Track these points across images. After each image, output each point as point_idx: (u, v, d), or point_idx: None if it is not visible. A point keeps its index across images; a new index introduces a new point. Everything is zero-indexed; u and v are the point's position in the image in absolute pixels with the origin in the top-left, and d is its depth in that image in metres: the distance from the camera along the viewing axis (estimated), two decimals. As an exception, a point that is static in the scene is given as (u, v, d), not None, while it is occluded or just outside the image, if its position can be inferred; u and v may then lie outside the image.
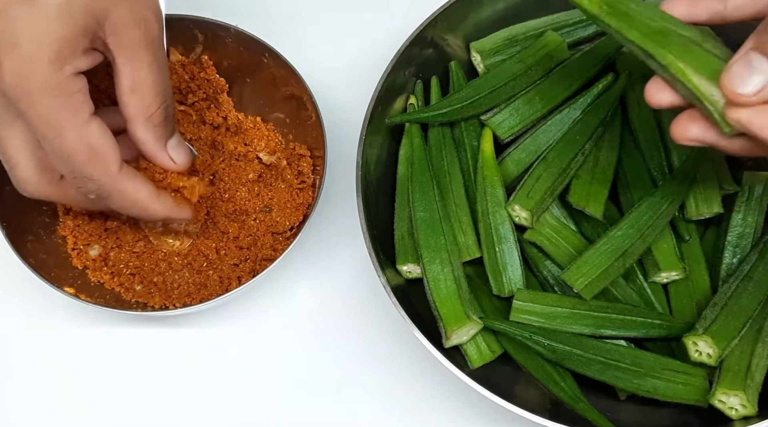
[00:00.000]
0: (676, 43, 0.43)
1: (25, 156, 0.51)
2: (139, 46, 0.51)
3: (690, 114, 0.44)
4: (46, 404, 0.63)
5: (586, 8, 0.46)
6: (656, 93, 0.45)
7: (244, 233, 0.64)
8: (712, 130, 0.43)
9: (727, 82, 0.41)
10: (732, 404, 0.52)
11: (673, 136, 0.45)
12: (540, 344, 0.56)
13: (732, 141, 0.44)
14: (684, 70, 0.43)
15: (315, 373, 0.64)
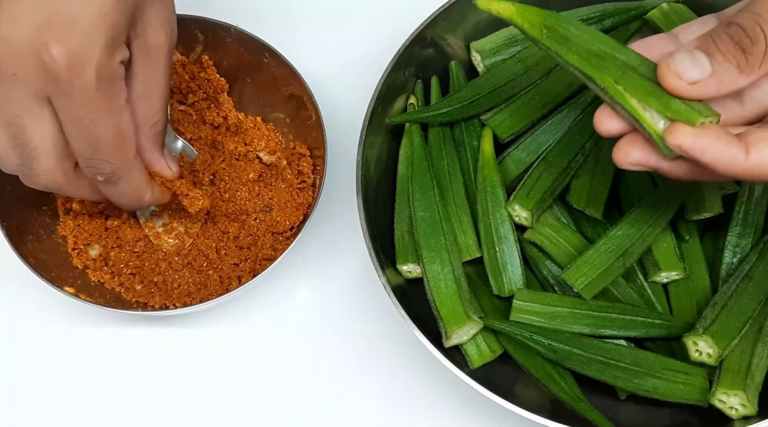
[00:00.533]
0: (614, 66, 0.43)
1: (48, 144, 0.49)
2: (161, 51, 0.51)
3: (631, 138, 0.44)
4: (46, 404, 0.63)
5: (527, 31, 0.46)
6: (605, 121, 0.44)
7: (244, 233, 0.64)
8: (655, 154, 0.43)
9: (671, 63, 0.41)
10: (732, 404, 0.52)
11: (615, 160, 0.44)
12: (540, 344, 0.56)
13: (675, 165, 0.44)
14: (622, 93, 0.43)
15: (315, 373, 0.64)
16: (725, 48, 0.41)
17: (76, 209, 0.65)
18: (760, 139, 0.41)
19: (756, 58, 0.41)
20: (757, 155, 0.41)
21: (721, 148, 0.40)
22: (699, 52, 0.41)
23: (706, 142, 0.40)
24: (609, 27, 0.65)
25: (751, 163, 0.41)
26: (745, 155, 0.41)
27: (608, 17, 0.65)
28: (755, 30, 0.41)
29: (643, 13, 0.65)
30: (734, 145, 0.41)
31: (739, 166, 0.41)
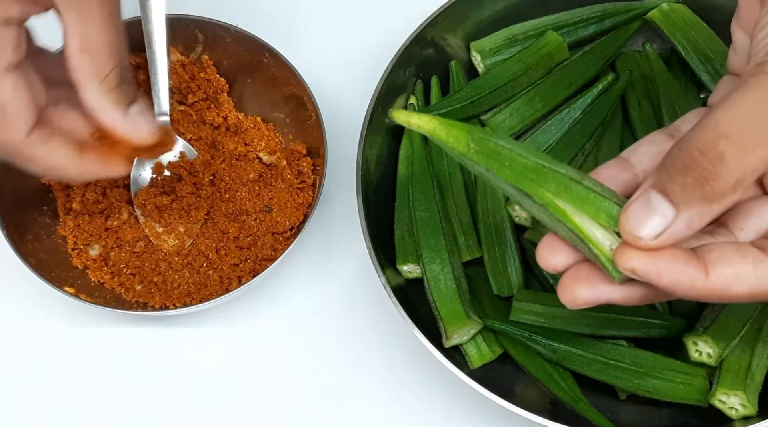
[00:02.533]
0: (553, 180, 0.38)
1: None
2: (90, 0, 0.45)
3: (574, 274, 0.39)
4: (46, 403, 0.63)
5: (452, 147, 0.40)
6: (547, 257, 0.40)
7: (244, 233, 0.64)
8: (604, 285, 0.38)
9: (625, 224, 0.36)
10: (732, 404, 0.53)
11: (564, 302, 0.39)
12: (540, 344, 0.56)
13: (628, 293, 0.38)
14: (563, 209, 0.38)
15: (315, 372, 0.64)
16: (682, 181, 0.35)
17: (76, 209, 0.65)
18: (721, 257, 0.36)
19: (724, 181, 0.34)
20: (718, 277, 0.35)
21: (678, 270, 0.35)
22: (655, 193, 0.36)
23: (663, 264, 0.35)
24: (609, 27, 0.65)
25: (711, 285, 0.36)
26: (706, 277, 0.35)
27: (608, 17, 0.65)
28: (716, 149, 0.34)
29: (643, 13, 0.65)
30: (692, 266, 0.36)
31: (699, 289, 0.36)
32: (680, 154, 0.35)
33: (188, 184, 0.64)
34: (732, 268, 0.36)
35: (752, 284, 0.36)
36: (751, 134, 0.34)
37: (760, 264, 0.36)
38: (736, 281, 0.36)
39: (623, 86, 0.63)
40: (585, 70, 0.64)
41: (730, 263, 0.36)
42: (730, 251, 0.36)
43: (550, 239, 0.40)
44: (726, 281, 0.36)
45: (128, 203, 0.66)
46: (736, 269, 0.36)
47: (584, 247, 0.38)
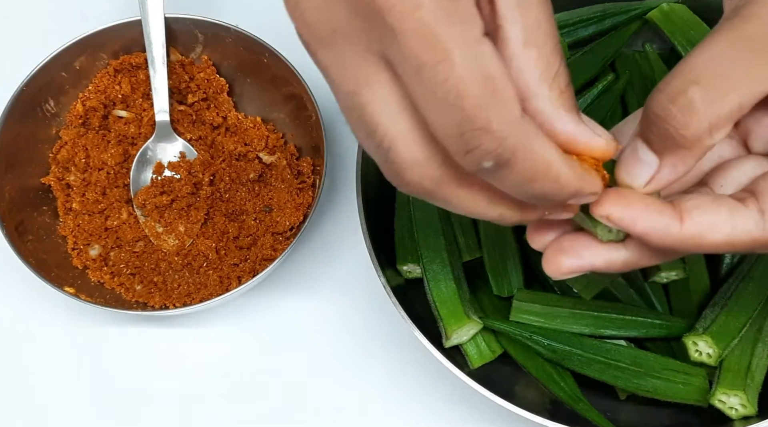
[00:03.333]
0: None
1: (402, 123, 0.33)
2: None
3: (554, 247, 0.38)
4: (46, 404, 0.63)
5: None
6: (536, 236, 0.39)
7: (244, 233, 0.64)
8: (587, 251, 0.38)
9: (618, 173, 0.37)
10: (732, 404, 0.52)
11: (549, 274, 0.39)
12: (540, 344, 0.56)
13: (611, 255, 0.38)
14: None
15: (315, 373, 0.64)
16: (657, 130, 0.35)
17: (76, 209, 0.65)
18: (696, 205, 0.36)
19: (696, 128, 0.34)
20: (692, 224, 0.35)
21: (653, 216, 0.35)
22: (640, 142, 0.36)
23: (637, 211, 0.35)
24: (609, 27, 0.65)
25: (686, 232, 0.35)
26: (680, 224, 0.35)
27: (608, 17, 0.65)
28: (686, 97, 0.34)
29: (643, 13, 0.65)
30: (667, 213, 0.36)
31: (674, 236, 0.35)
32: (652, 103, 0.35)
33: (188, 184, 0.64)
34: (707, 216, 0.36)
35: (727, 232, 0.36)
36: (724, 79, 0.34)
37: (735, 212, 0.36)
38: (710, 229, 0.36)
39: (623, 86, 0.63)
40: (585, 70, 0.64)
41: (705, 210, 0.36)
42: (705, 200, 0.36)
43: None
44: (700, 228, 0.35)
45: (128, 203, 0.66)
46: (710, 216, 0.36)
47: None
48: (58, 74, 0.65)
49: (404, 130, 0.33)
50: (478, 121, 0.30)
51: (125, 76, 0.67)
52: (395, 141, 0.33)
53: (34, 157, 0.65)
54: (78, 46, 0.65)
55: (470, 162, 0.32)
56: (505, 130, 0.31)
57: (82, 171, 0.66)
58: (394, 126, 0.33)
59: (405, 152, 0.33)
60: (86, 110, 0.67)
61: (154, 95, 0.66)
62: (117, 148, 0.66)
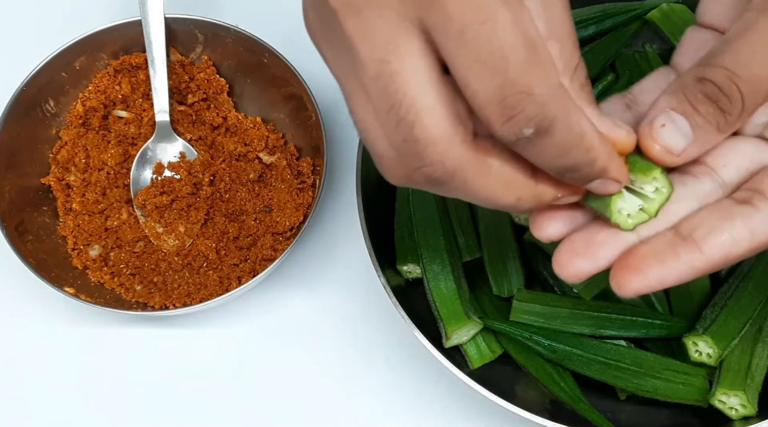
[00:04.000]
0: None
1: (429, 95, 0.31)
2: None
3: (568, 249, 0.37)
4: (46, 404, 0.63)
5: None
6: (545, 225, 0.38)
7: (243, 233, 0.64)
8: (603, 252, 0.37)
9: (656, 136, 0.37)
10: (732, 404, 0.52)
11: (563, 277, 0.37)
12: (540, 344, 0.56)
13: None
14: None
15: (314, 373, 0.64)
16: (705, 110, 0.36)
17: (76, 209, 0.65)
18: (709, 231, 0.36)
19: (734, 117, 0.37)
20: (714, 249, 0.35)
21: (674, 266, 0.35)
22: (678, 116, 0.37)
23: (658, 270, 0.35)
24: (609, 27, 0.65)
25: (711, 259, 0.35)
26: (701, 254, 0.35)
27: (608, 17, 0.65)
28: (731, 89, 0.36)
29: (643, 13, 0.65)
30: (683, 253, 0.35)
31: (702, 268, 0.35)
32: (702, 87, 0.36)
33: (188, 184, 0.64)
34: (723, 236, 0.36)
35: (749, 240, 0.36)
36: (756, 78, 0.36)
37: (748, 218, 0.36)
38: (732, 246, 0.36)
39: (623, 86, 0.63)
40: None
41: (719, 231, 0.36)
42: (715, 220, 0.36)
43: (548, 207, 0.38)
44: (722, 250, 0.36)
45: (128, 203, 0.66)
46: (727, 235, 0.36)
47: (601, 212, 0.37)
48: (58, 74, 0.65)
49: (431, 103, 0.31)
50: (521, 84, 0.30)
51: (125, 76, 0.67)
52: (421, 114, 0.31)
53: (34, 157, 0.65)
54: (78, 46, 0.65)
55: (510, 130, 0.31)
56: (547, 96, 0.30)
57: (82, 171, 0.66)
58: (422, 98, 0.31)
59: (430, 126, 0.31)
60: (86, 110, 0.67)
61: (154, 95, 0.66)
62: (117, 149, 0.66)
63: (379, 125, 0.33)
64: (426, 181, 0.33)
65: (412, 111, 0.31)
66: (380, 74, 0.31)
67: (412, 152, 0.32)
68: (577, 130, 0.32)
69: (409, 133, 0.32)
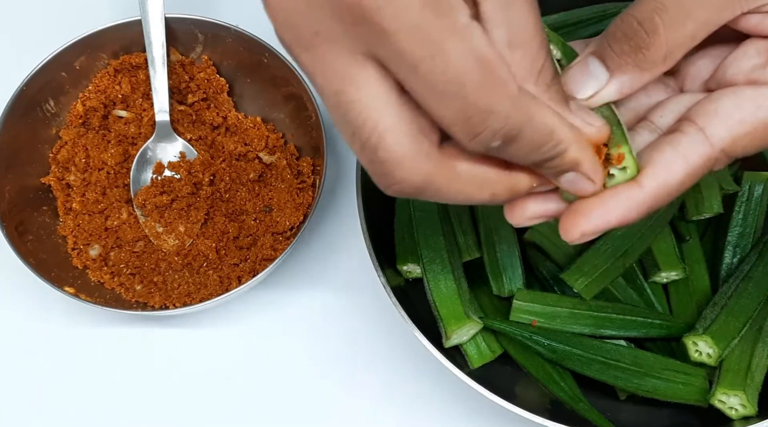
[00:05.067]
0: None
1: (390, 118, 0.33)
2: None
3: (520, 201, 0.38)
4: (46, 403, 0.63)
5: None
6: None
7: (244, 233, 0.64)
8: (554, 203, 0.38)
9: (564, 84, 0.38)
10: (732, 404, 0.52)
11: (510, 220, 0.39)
12: (540, 344, 0.56)
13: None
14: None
15: (315, 372, 0.64)
16: (619, 48, 0.37)
17: (76, 209, 0.65)
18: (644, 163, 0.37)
19: (656, 51, 0.36)
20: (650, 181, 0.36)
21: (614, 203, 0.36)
22: (593, 58, 0.38)
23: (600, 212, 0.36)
24: (609, 27, 0.65)
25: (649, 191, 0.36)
26: (640, 188, 0.36)
27: (608, 17, 0.65)
28: (652, 21, 0.36)
29: (643, 13, 0.64)
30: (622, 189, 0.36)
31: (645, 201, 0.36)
32: (621, 24, 0.37)
33: (188, 184, 0.64)
34: (657, 166, 0.37)
35: (683, 166, 0.37)
36: (684, 8, 0.36)
37: (678, 144, 0.37)
38: (668, 175, 0.36)
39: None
40: (585, 70, 0.64)
41: (653, 162, 0.37)
42: (648, 153, 0.37)
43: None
44: (660, 179, 0.36)
45: (128, 203, 0.66)
46: (661, 164, 0.37)
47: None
48: (58, 74, 0.65)
49: (392, 124, 0.33)
50: (481, 105, 0.31)
51: (125, 76, 0.67)
52: (384, 136, 0.33)
53: (34, 157, 0.65)
54: (78, 46, 0.65)
55: (479, 144, 0.33)
56: (508, 109, 0.32)
57: (82, 171, 0.66)
58: (382, 121, 0.33)
59: (394, 146, 0.33)
60: (86, 110, 0.67)
61: (154, 95, 0.66)
62: (117, 148, 0.66)
63: (351, 147, 0.34)
64: (402, 195, 0.35)
65: (374, 134, 0.33)
66: (338, 104, 0.33)
67: (380, 172, 0.34)
68: (545, 129, 0.34)
69: (374, 156, 0.33)
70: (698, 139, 0.37)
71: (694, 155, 0.37)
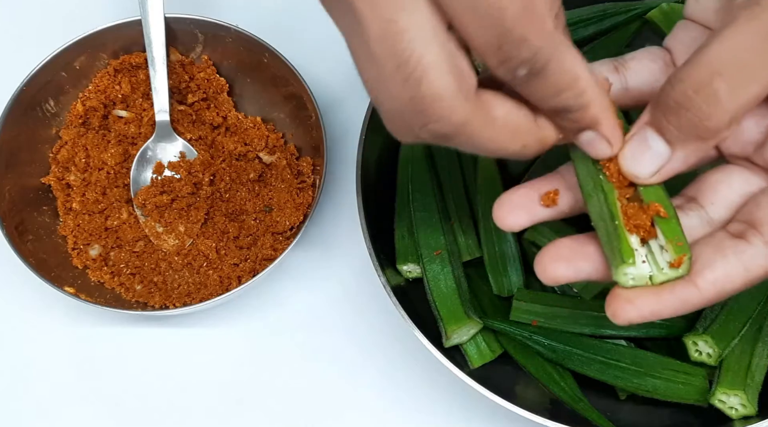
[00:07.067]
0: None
1: (436, 52, 0.32)
2: None
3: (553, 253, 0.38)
4: (46, 403, 0.63)
5: None
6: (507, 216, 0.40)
7: (244, 233, 0.64)
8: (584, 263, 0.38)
9: (623, 162, 0.37)
10: (732, 404, 0.53)
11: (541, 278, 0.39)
12: (540, 344, 0.56)
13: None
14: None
15: (314, 372, 0.64)
16: (677, 121, 0.35)
17: (76, 209, 0.65)
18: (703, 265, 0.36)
19: (719, 120, 0.34)
20: (709, 285, 0.36)
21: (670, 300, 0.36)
22: (651, 132, 0.36)
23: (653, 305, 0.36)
24: (609, 27, 0.65)
25: (706, 294, 0.36)
26: (697, 290, 0.36)
27: (608, 17, 0.65)
28: (710, 88, 0.34)
29: (643, 13, 0.65)
30: (679, 288, 0.36)
31: (698, 303, 0.36)
32: (673, 92, 0.35)
33: (188, 184, 0.64)
34: (718, 271, 0.36)
35: (743, 276, 0.36)
36: (745, 70, 0.34)
37: (742, 254, 0.36)
38: (727, 282, 0.36)
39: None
40: (585, 70, 0.64)
41: (714, 267, 0.36)
42: (709, 255, 0.36)
43: (507, 197, 0.40)
44: (718, 285, 0.36)
45: (128, 203, 0.66)
46: (721, 270, 0.36)
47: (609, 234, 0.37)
48: (58, 74, 0.65)
49: (437, 59, 0.32)
50: (516, 33, 0.32)
51: (125, 76, 0.67)
52: (428, 70, 0.32)
53: (34, 157, 0.65)
54: (78, 46, 0.65)
55: (506, 70, 0.33)
56: (539, 41, 0.32)
57: (82, 171, 0.66)
58: (428, 54, 0.32)
59: (438, 81, 0.32)
60: (86, 110, 0.67)
61: (154, 95, 0.66)
62: (117, 148, 0.66)
63: (386, 84, 0.33)
64: (434, 137, 0.34)
65: (419, 68, 0.32)
66: (388, 34, 0.32)
67: (419, 109, 0.33)
68: (570, 74, 0.34)
69: (416, 91, 0.33)
70: (763, 254, 0.36)
71: (757, 268, 0.36)
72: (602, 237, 0.38)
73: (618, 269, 0.37)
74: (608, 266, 0.37)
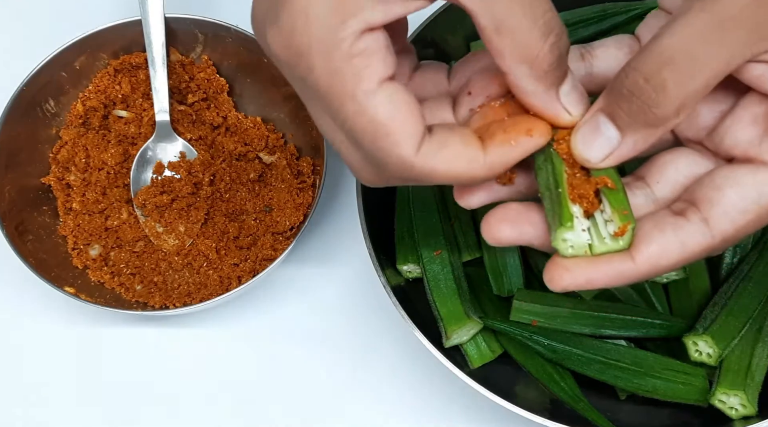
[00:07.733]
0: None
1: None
2: None
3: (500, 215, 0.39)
4: (46, 403, 0.63)
5: None
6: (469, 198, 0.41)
7: (244, 233, 0.64)
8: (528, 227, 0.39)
9: (575, 146, 0.38)
10: (732, 404, 0.53)
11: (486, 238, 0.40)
12: (540, 344, 0.56)
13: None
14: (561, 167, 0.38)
15: (314, 372, 0.64)
16: (627, 107, 0.36)
17: (76, 209, 0.65)
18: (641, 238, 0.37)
19: (667, 107, 0.35)
20: (644, 258, 0.37)
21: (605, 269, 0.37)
22: (603, 117, 0.37)
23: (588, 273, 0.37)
24: (609, 27, 0.65)
25: (641, 267, 0.37)
26: (633, 263, 0.37)
27: (608, 17, 0.65)
28: (660, 77, 0.34)
29: (643, 13, 0.64)
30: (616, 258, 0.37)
31: (633, 275, 0.37)
32: (626, 80, 0.36)
33: (188, 184, 0.64)
34: (655, 244, 0.36)
35: (679, 251, 0.37)
36: (694, 60, 0.34)
37: (680, 229, 0.37)
38: (662, 254, 0.36)
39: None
40: (585, 70, 0.64)
41: (651, 241, 0.37)
42: (648, 230, 0.37)
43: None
44: (653, 260, 0.37)
45: (128, 203, 0.66)
46: (658, 245, 0.36)
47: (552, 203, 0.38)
48: (58, 74, 0.65)
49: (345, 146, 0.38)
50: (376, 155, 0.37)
51: (125, 76, 0.67)
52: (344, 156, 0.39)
53: (34, 157, 0.65)
54: (78, 46, 0.65)
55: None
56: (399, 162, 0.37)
57: (82, 171, 0.66)
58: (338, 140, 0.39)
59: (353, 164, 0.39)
60: (86, 110, 0.67)
61: (154, 95, 0.66)
62: (117, 148, 0.66)
63: (354, 149, 0.38)
64: (401, 182, 0.39)
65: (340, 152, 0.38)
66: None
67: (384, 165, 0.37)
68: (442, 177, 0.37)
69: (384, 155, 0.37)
70: (700, 230, 0.37)
71: (694, 244, 0.37)
72: (546, 205, 0.38)
73: (556, 233, 0.37)
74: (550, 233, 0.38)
